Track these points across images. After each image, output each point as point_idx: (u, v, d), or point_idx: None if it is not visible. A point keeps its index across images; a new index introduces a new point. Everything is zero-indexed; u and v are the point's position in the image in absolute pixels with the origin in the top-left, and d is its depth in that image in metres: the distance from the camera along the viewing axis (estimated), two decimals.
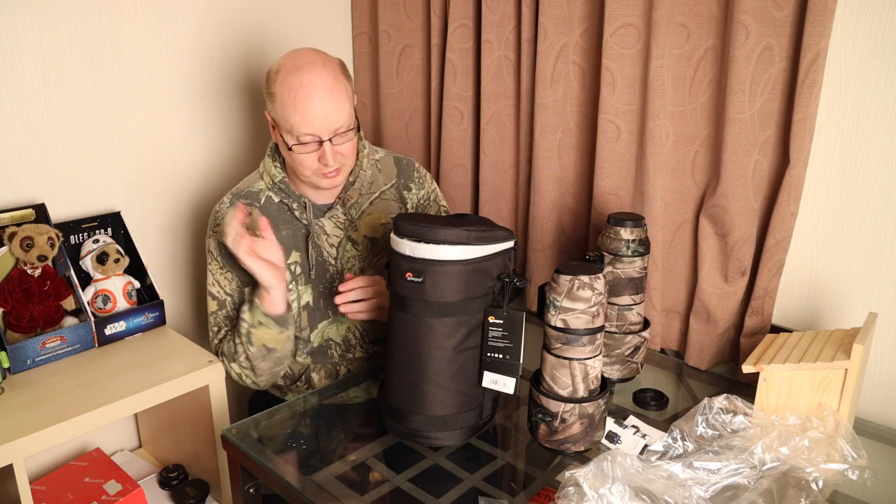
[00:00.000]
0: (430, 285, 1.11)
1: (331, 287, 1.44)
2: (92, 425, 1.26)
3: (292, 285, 1.42)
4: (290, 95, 1.27)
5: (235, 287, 1.41)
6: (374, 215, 1.47)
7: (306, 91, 1.26)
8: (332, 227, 1.42)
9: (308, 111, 1.26)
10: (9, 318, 1.40)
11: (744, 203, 1.35)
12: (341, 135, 1.31)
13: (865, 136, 1.26)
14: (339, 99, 1.29)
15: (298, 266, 1.41)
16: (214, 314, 1.43)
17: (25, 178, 1.51)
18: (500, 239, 1.14)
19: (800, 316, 1.41)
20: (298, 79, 1.27)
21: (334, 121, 1.29)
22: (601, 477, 0.97)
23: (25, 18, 1.45)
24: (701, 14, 1.36)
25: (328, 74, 1.28)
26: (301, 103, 1.26)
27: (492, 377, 1.16)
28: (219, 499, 1.55)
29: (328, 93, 1.27)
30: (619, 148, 1.50)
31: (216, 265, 1.42)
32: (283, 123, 1.30)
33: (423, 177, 1.56)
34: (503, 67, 1.68)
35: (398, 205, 1.51)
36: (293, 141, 1.30)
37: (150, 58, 1.65)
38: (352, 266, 1.45)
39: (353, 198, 1.43)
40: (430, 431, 1.16)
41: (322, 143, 1.29)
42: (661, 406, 1.32)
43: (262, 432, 1.25)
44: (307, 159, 1.31)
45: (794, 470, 1.05)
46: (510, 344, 1.14)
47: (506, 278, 1.15)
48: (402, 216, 1.17)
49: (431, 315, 1.12)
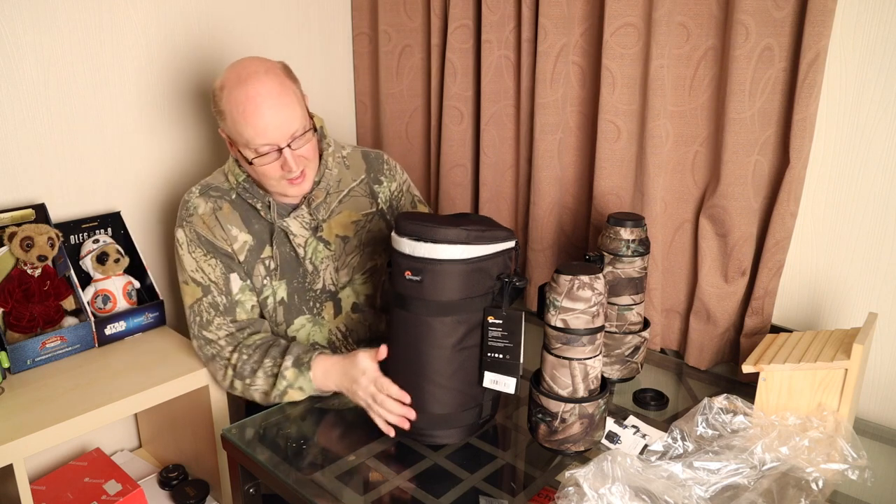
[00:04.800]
0: (430, 284, 1.11)
1: (304, 283, 1.42)
2: (92, 425, 1.26)
3: (267, 280, 1.40)
4: (238, 110, 1.24)
5: (220, 273, 1.36)
6: (344, 213, 1.45)
7: (254, 103, 1.23)
8: (297, 226, 1.39)
9: (260, 122, 1.24)
10: (9, 318, 1.40)
11: (744, 203, 1.35)
12: (299, 138, 1.28)
13: (865, 136, 1.26)
14: (288, 104, 1.26)
15: (272, 261, 1.39)
16: (199, 301, 1.36)
17: (25, 178, 1.51)
18: (500, 239, 1.14)
19: (800, 316, 1.41)
20: (244, 92, 1.24)
21: (288, 126, 1.26)
22: (601, 477, 0.97)
23: (26, 19, 1.45)
24: (701, 14, 1.36)
25: (273, 81, 1.26)
26: (252, 116, 1.24)
27: (492, 377, 1.16)
28: (219, 499, 1.55)
29: (276, 100, 1.25)
30: (619, 148, 1.50)
31: (200, 252, 1.36)
32: (239, 139, 1.28)
33: (393, 168, 1.54)
34: (503, 67, 1.68)
35: (369, 200, 1.48)
36: (252, 154, 1.27)
37: (151, 58, 1.65)
38: (326, 266, 1.43)
39: (320, 197, 1.40)
40: (429, 429, 1.17)
41: (281, 150, 1.27)
42: (661, 406, 1.32)
43: (262, 432, 1.25)
44: (270, 169, 1.29)
45: (794, 470, 1.05)
46: (510, 344, 1.14)
47: (505, 278, 1.15)
48: (403, 215, 1.17)
49: (431, 314, 1.12)
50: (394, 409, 1.17)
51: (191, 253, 1.37)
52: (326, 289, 1.44)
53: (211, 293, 1.36)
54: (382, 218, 1.51)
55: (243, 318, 1.37)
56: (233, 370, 1.33)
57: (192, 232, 1.36)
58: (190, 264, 1.37)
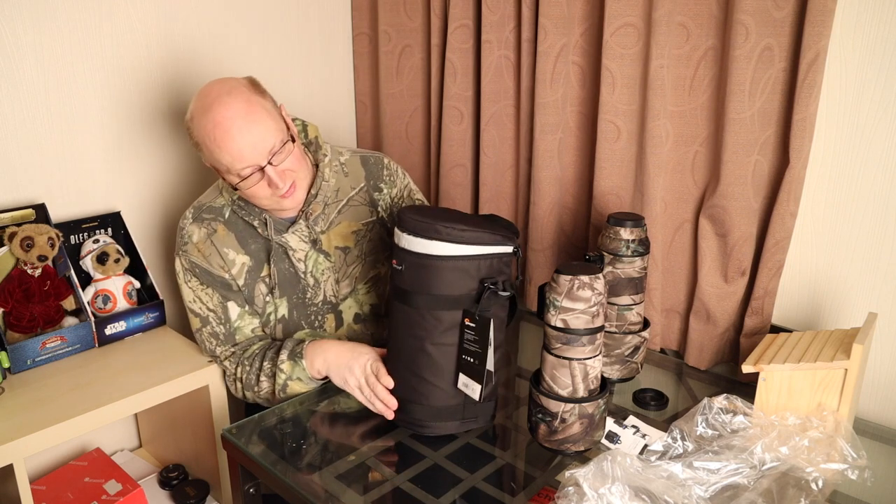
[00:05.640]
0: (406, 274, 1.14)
1: (304, 297, 1.41)
2: (92, 425, 1.26)
3: (269, 297, 1.39)
4: (210, 138, 1.22)
5: (217, 302, 1.37)
6: (343, 224, 1.42)
7: (222, 128, 1.20)
8: (296, 241, 1.37)
9: (234, 146, 1.21)
10: (9, 318, 1.40)
11: (744, 203, 1.35)
12: (278, 153, 1.24)
13: (865, 136, 1.26)
14: (258, 121, 1.22)
15: (271, 279, 1.38)
16: (199, 331, 1.40)
17: (25, 178, 1.51)
18: (484, 242, 1.13)
19: (800, 316, 1.41)
20: (211, 119, 1.21)
21: (263, 144, 1.22)
22: (601, 477, 0.97)
23: (26, 19, 1.45)
24: (701, 14, 1.36)
25: (238, 101, 1.22)
26: (223, 141, 1.21)
27: (464, 380, 1.17)
28: (219, 499, 1.55)
29: (244, 119, 1.21)
30: (619, 148, 1.50)
31: (196, 282, 1.36)
32: (219, 166, 1.26)
33: (393, 173, 1.50)
34: (503, 67, 1.68)
35: (369, 209, 1.45)
36: (236, 179, 1.25)
37: (151, 58, 1.65)
38: (327, 278, 1.42)
39: (317, 210, 1.37)
40: (431, 421, 1.19)
41: (263, 168, 1.23)
42: (660, 406, 1.32)
43: (262, 432, 1.25)
44: (258, 190, 1.26)
45: (794, 470, 1.05)
46: (479, 349, 1.14)
47: (489, 284, 1.13)
48: (408, 207, 1.19)
49: (428, 308, 1.14)
50: (381, 394, 1.22)
51: (187, 283, 1.37)
52: (327, 300, 1.43)
53: (210, 324, 1.38)
54: (383, 226, 1.48)
55: (244, 342, 1.40)
56: (241, 383, 1.38)
57: (188, 262, 1.36)
58: (188, 294, 1.38)
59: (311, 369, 1.31)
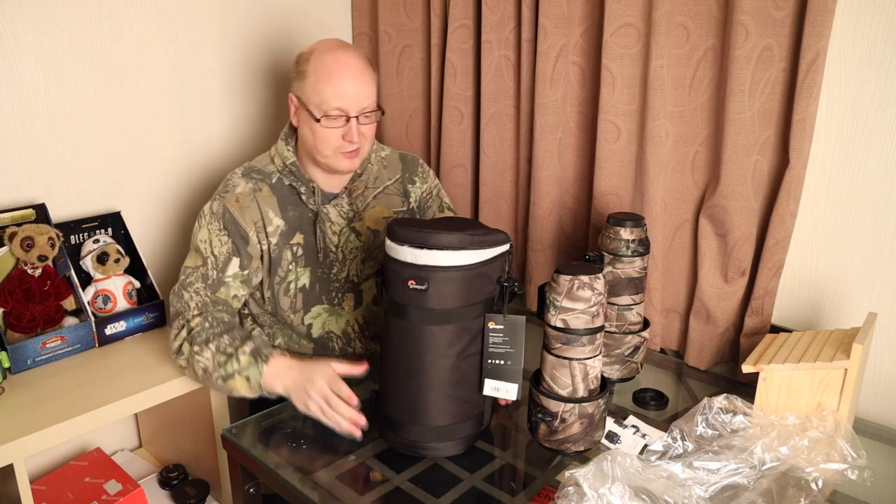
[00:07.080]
0: (434, 292, 1.08)
1: (329, 272, 1.45)
2: (92, 425, 1.26)
3: (292, 265, 1.42)
4: (324, 71, 1.33)
5: (225, 251, 1.36)
6: (377, 209, 1.50)
7: (341, 68, 1.33)
8: (335, 214, 1.44)
9: (341, 86, 1.33)
10: (9, 318, 1.40)
11: (743, 203, 1.35)
12: (367, 115, 1.36)
13: (865, 136, 1.26)
14: (368, 82, 1.37)
15: (300, 248, 1.42)
16: (194, 268, 1.36)
17: (25, 178, 1.51)
18: (499, 242, 1.13)
19: (800, 316, 1.41)
20: (334, 57, 1.34)
21: (364, 98, 1.35)
22: (601, 477, 0.97)
23: (26, 19, 1.45)
24: (701, 14, 1.36)
25: (361, 60, 1.37)
26: (336, 78, 1.33)
27: (493, 384, 1.14)
28: (219, 499, 1.55)
29: (360, 73, 1.35)
30: (619, 148, 1.50)
31: (216, 226, 1.37)
32: (314, 97, 1.34)
33: (426, 172, 1.60)
34: (503, 67, 1.68)
35: (401, 199, 1.53)
36: (320, 114, 1.34)
37: (151, 58, 1.65)
38: (355, 256, 1.47)
39: (359, 189, 1.47)
40: (429, 442, 1.14)
41: (349, 119, 1.34)
42: (660, 406, 1.32)
43: (262, 432, 1.25)
44: (331, 135, 1.35)
45: (794, 470, 1.05)
46: (511, 349, 1.13)
47: (504, 282, 1.14)
48: (396, 222, 1.14)
49: (433, 322, 1.10)
50: (344, 412, 1.18)
51: (208, 225, 1.39)
52: (350, 279, 1.47)
53: (206, 265, 1.37)
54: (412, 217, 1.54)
55: (222, 298, 1.37)
56: (187, 332, 1.31)
57: (222, 207, 1.38)
58: (202, 234, 1.39)
59: (266, 381, 1.26)
